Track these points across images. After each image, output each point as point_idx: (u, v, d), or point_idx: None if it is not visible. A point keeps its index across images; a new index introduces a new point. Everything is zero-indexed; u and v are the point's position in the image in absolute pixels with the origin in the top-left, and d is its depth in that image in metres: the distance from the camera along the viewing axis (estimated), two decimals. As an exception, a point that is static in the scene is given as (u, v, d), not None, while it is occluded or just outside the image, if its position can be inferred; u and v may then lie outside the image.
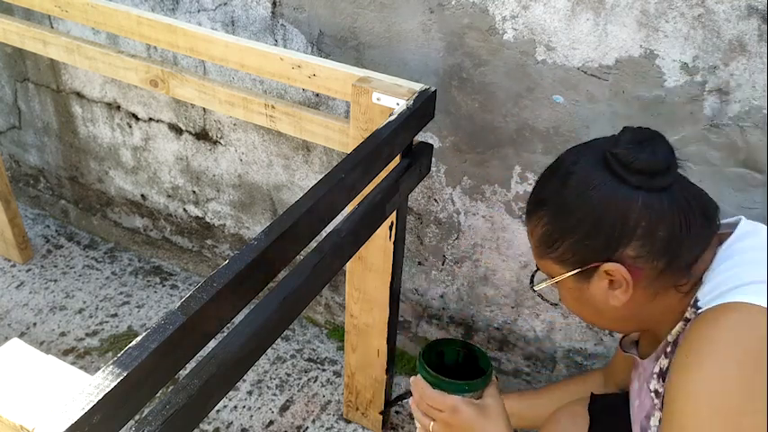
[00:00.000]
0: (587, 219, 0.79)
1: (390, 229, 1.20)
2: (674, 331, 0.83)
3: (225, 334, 0.82)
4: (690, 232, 0.79)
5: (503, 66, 1.18)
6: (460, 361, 1.07)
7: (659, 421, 0.85)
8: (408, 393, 1.04)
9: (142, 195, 1.90)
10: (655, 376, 0.86)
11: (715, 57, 1.02)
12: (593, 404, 1.09)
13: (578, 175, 0.81)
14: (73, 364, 1.68)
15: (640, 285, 0.80)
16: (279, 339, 1.72)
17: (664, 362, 0.85)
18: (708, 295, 0.78)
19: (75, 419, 0.60)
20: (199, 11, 1.45)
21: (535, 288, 0.90)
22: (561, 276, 0.84)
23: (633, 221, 0.77)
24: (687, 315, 0.81)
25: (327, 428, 1.55)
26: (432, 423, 0.95)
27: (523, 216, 1.33)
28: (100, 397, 0.61)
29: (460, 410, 0.92)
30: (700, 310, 0.77)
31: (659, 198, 0.78)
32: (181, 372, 0.72)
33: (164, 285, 1.93)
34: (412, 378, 1.01)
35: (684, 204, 0.79)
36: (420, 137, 1.32)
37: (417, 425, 1.00)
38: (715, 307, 0.75)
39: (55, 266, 1.97)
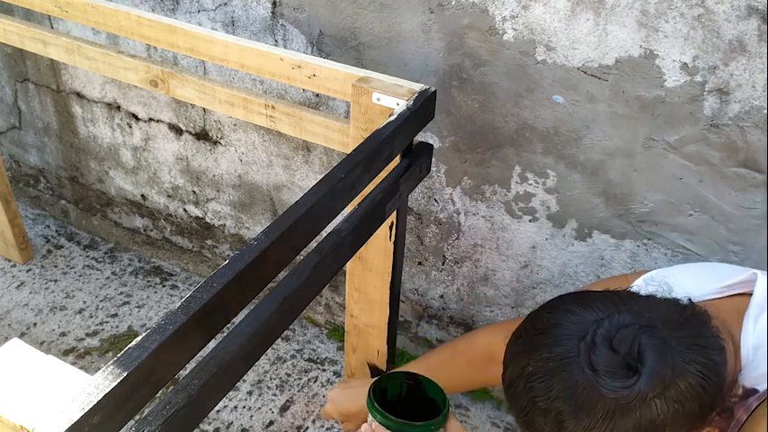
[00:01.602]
0: None
1: (390, 230, 1.20)
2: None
3: (225, 334, 0.82)
4: (712, 381, 0.75)
5: (503, 66, 1.18)
6: (404, 394, 1.05)
7: None
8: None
9: (142, 195, 1.90)
10: None
11: (715, 57, 1.02)
12: None
13: (570, 418, 0.75)
14: (73, 364, 1.68)
15: None
16: (279, 339, 1.72)
17: None
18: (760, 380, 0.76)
19: (75, 419, 0.60)
20: (199, 11, 1.45)
21: None
22: None
23: (658, 428, 0.73)
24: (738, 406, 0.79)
25: (327, 429, 1.55)
26: None
27: (523, 216, 1.33)
28: (100, 397, 0.61)
29: None
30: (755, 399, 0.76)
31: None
32: (181, 372, 0.72)
33: (164, 285, 1.93)
34: (365, 425, 0.99)
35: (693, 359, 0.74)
36: (420, 137, 1.32)
37: None
38: None
39: (55, 266, 1.97)
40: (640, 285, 0.94)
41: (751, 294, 0.86)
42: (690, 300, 0.82)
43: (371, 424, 0.98)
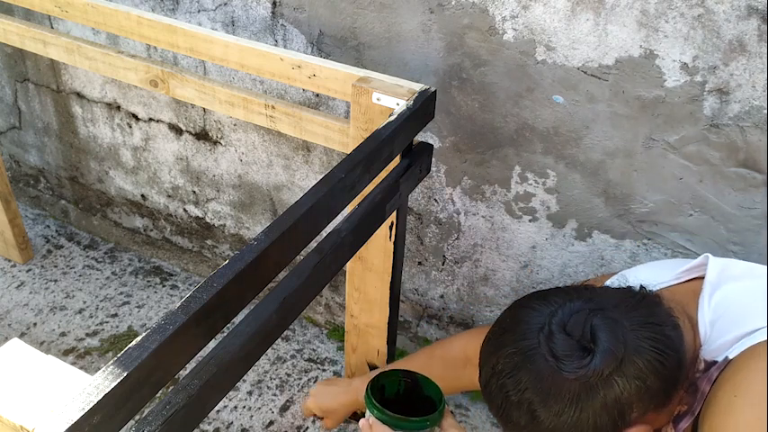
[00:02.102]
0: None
1: (390, 230, 1.20)
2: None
3: (225, 334, 0.82)
4: (669, 356, 0.78)
5: (503, 66, 1.18)
6: (401, 392, 1.07)
7: None
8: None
9: (142, 195, 1.90)
10: None
11: (715, 57, 1.02)
12: None
13: (541, 406, 0.78)
14: (73, 364, 1.68)
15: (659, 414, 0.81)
16: (279, 339, 1.72)
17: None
18: (723, 348, 0.80)
19: (75, 420, 0.60)
20: (199, 11, 1.45)
21: None
22: None
23: (625, 407, 0.77)
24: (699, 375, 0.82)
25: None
26: None
27: (523, 216, 1.33)
28: (100, 397, 0.61)
29: None
30: (722, 361, 0.79)
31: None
32: (181, 372, 0.72)
33: (164, 285, 1.93)
34: (363, 421, 1.01)
35: (645, 338, 0.78)
36: (420, 137, 1.32)
37: None
38: (744, 353, 0.77)
39: (55, 266, 1.97)
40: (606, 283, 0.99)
41: (704, 277, 0.90)
42: (642, 286, 0.86)
43: (369, 419, 1.00)
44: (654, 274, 0.96)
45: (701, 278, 0.90)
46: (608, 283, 0.99)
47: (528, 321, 0.82)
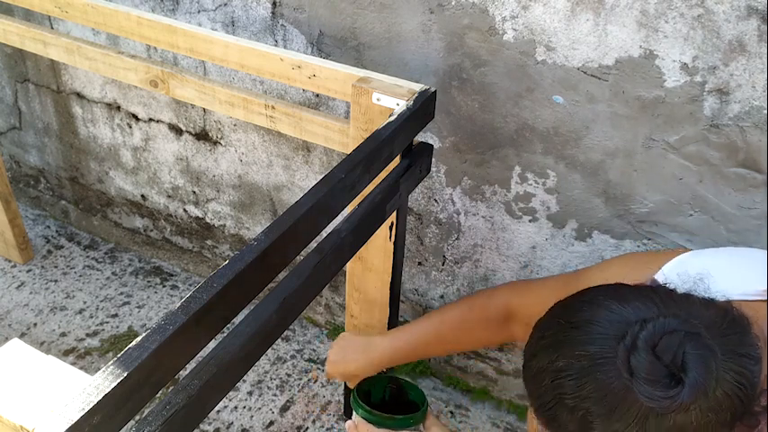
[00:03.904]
0: None
1: (390, 230, 1.20)
2: None
3: (225, 334, 0.82)
4: (747, 392, 0.72)
5: (503, 66, 1.18)
6: (387, 398, 1.10)
7: None
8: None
9: (142, 196, 1.90)
10: None
11: (715, 57, 1.02)
12: None
13: (600, 420, 0.72)
14: (73, 364, 1.68)
15: None
16: (279, 340, 1.72)
17: None
18: None
19: (76, 419, 0.60)
20: (199, 11, 1.45)
21: None
22: None
23: None
24: None
25: (328, 429, 1.55)
26: None
27: (523, 216, 1.33)
28: (100, 397, 0.61)
29: None
30: None
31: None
32: (181, 372, 0.72)
33: (164, 286, 1.93)
34: (349, 422, 1.02)
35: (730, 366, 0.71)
36: (420, 137, 1.32)
37: None
38: None
39: (55, 267, 1.97)
40: (670, 277, 0.89)
41: None
42: (728, 302, 0.78)
43: (355, 420, 1.02)
44: (734, 280, 0.87)
45: None
46: (673, 276, 0.89)
47: (603, 324, 0.74)
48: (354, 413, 1.03)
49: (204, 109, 1.60)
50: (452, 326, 1.14)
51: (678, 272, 0.90)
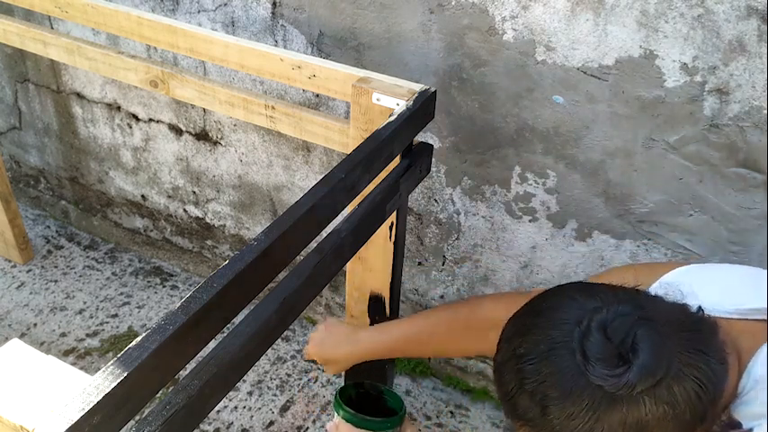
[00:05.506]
0: None
1: (390, 230, 1.20)
2: None
3: (225, 334, 0.82)
4: (708, 392, 0.71)
5: (503, 66, 1.18)
6: (367, 403, 1.12)
7: None
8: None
9: (142, 196, 1.90)
10: None
11: (715, 57, 1.02)
12: None
13: (555, 404, 0.72)
14: (73, 364, 1.68)
15: None
16: (279, 340, 1.71)
17: None
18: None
19: (76, 419, 0.60)
20: (199, 11, 1.45)
21: None
22: None
23: (644, 430, 0.71)
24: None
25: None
26: None
27: (523, 216, 1.33)
28: (100, 397, 0.61)
29: None
30: None
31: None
32: (181, 372, 0.72)
33: (164, 286, 1.93)
34: (330, 423, 1.05)
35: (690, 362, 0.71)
36: (420, 137, 1.32)
37: None
38: None
39: (55, 267, 1.97)
40: (655, 288, 0.90)
41: None
42: (700, 308, 0.78)
43: (335, 420, 1.04)
44: (717, 294, 0.86)
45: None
46: (657, 287, 0.90)
47: (566, 311, 0.76)
48: (336, 414, 1.07)
49: (204, 109, 1.60)
50: (435, 330, 1.15)
51: (668, 281, 0.91)
